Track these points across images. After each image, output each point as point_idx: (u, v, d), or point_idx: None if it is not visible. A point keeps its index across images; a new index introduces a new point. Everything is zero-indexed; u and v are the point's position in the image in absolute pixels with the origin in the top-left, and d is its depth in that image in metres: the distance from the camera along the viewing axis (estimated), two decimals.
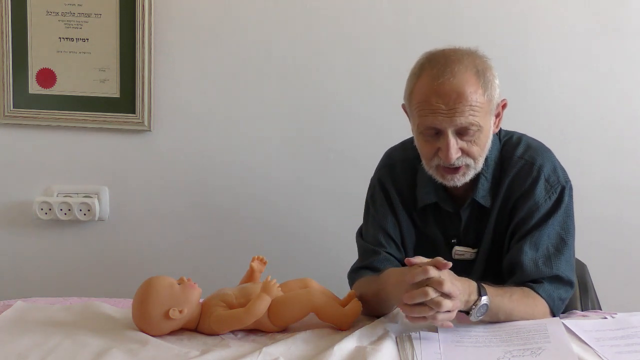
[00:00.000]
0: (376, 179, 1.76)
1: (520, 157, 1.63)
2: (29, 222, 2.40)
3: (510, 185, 1.62)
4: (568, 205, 1.61)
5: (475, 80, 1.49)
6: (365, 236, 1.74)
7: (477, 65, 1.52)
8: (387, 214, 1.70)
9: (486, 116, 1.53)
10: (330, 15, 2.31)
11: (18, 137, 2.37)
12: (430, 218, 1.69)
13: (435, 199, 1.65)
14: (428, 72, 1.52)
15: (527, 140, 1.68)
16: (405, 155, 1.72)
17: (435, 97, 1.49)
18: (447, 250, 1.67)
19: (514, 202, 1.61)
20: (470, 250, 1.66)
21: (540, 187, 1.59)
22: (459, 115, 1.48)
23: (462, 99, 1.47)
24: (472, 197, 1.62)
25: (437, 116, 1.49)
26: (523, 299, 1.50)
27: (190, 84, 2.35)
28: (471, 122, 1.49)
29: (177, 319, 1.43)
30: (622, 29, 2.30)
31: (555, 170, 1.62)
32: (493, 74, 1.55)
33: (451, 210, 1.65)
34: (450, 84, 1.48)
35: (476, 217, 1.65)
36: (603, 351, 1.33)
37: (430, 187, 1.65)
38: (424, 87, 1.51)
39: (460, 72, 1.49)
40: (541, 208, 1.58)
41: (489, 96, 1.52)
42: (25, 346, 1.35)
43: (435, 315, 1.35)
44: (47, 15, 2.31)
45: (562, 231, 1.59)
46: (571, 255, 1.60)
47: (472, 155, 1.54)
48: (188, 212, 2.41)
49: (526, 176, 1.61)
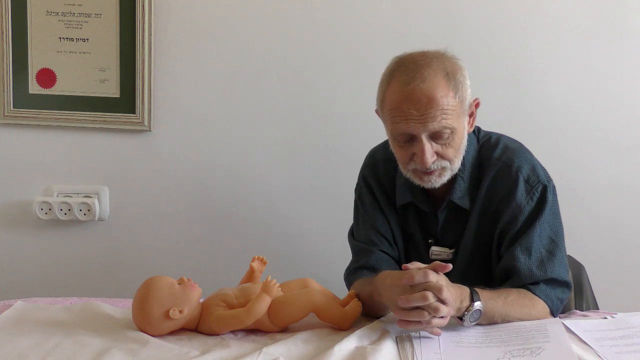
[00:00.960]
0: (361, 178, 1.78)
1: (497, 159, 1.63)
2: (29, 222, 2.40)
3: (489, 187, 1.62)
4: (553, 205, 1.61)
5: (445, 84, 1.49)
6: (357, 236, 1.74)
7: (447, 67, 1.52)
8: (375, 212, 1.71)
9: (459, 118, 1.53)
10: (330, 15, 2.31)
11: (18, 137, 2.37)
12: (411, 217, 1.70)
13: (412, 199, 1.66)
14: (398, 78, 1.52)
15: (505, 141, 1.67)
16: (387, 155, 1.72)
17: (407, 104, 1.49)
18: (425, 250, 1.68)
19: (497, 206, 1.61)
20: (447, 250, 1.66)
21: (521, 188, 1.59)
22: (431, 121, 1.48)
23: (433, 104, 1.47)
24: (449, 198, 1.62)
25: (409, 122, 1.49)
26: (519, 300, 1.50)
27: (190, 84, 2.35)
28: (444, 125, 1.49)
29: (177, 319, 1.43)
30: (622, 29, 2.30)
31: (534, 170, 1.62)
32: (463, 75, 1.54)
33: (428, 210, 1.66)
34: (421, 90, 1.48)
35: (454, 218, 1.65)
36: (603, 351, 1.33)
37: (406, 187, 1.66)
38: (395, 93, 1.51)
39: (430, 76, 1.49)
40: (524, 210, 1.58)
41: (461, 97, 1.52)
42: (25, 346, 1.35)
43: (431, 321, 1.35)
44: (47, 15, 2.31)
45: (552, 233, 1.59)
46: (563, 256, 1.60)
47: (448, 157, 1.54)
48: (188, 212, 2.41)
49: (505, 179, 1.60)
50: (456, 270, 1.63)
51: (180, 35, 2.32)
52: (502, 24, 2.30)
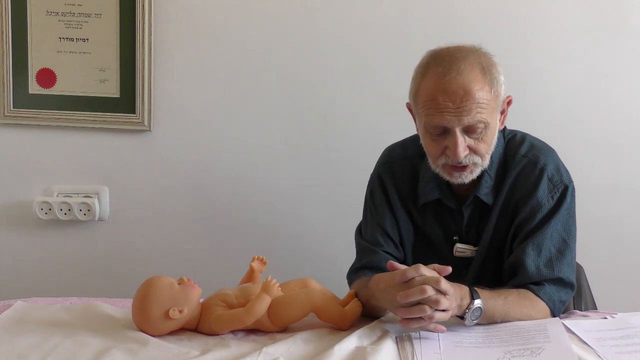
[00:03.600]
0: (376, 176, 1.76)
1: (523, 155, 1.63)
2: (29, 222, 2.40)
3: (513, 183, 1.61)
4: (570, 206, 1.61)
5: (481, 77, 1.49)
6: (364, 234, 1.73)
7: (482, 62, 1.52)
8: (385, 212, 1.70)
9: (493, 113, 1.52)
10: (330, 16, 2.31)
11: (18, 137, 2.37)
12: (431, 216, 1.68)
13: (439, 195, 1.65)
14: (434, 70, 1.51)
15: (531, 139, 1.68)
16: (404, 154, 1.72)
17: (442, 96, 1.48)
18: (448, 248, 1.66)
19: (517, 202, 1.60)
20: (472, 247, 1.65)
21: (543, 186, 1.59)
22: (467, 114, 1.47)
23: (469, 97, 1.47)
24: (475, 194, 1.61)
25: (444, 115, 1.48)
26: (519, 300, 1.50)
27: (190, 84, 2.35)
28: (479, 119, 1.49)
29: (177, 319, 1.43)
30: (622, 29, 2.30)
31: (558, 170, 1.62)
32: (498, 71, 1.54)
33: (454, 207, 1.65)
34: (457, 82, 1.47)
35: (478, 214, 1.65)
36: (603, 351, 1.33)
37: (433, 183, 1.64)
38: (430, 85, 1.50)
39: (467, 69, 1.48)
40: (543, 207, 1.58)
41: (496, 93, 1.51)
42: (25, 346, 1.35)
43: (433, 315, 1.34)
44: (47, 15, 2.31)
45: (565, 233, 1.58)
46: (573, 257, 1.60)
47: (480, 152, 1.53)
48: (188, 211, 2.41)
49: (529, 175, 1.60)
50: (473, 267, 1.64)
51: (180, 35, 2.32)
52: (502, 24, 2.30)
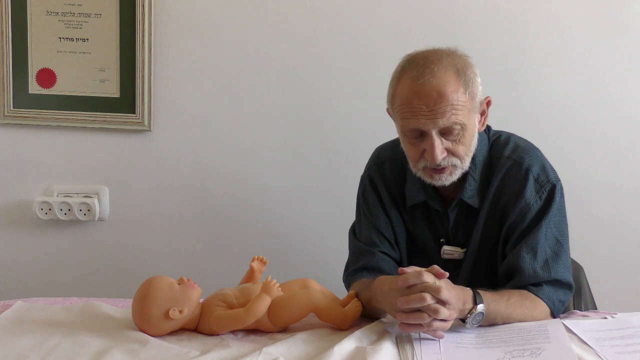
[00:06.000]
0: (367, 177, 1.76)
1: (508, 157, 1.62)
2: (29, 222, 2.40)
3: (499, 186, 1.61)
4: (560, 205, 1.60)
5: (455, 79, 1.49)
6: (359, 235, 1.73)
7: (457, 64, 1.52)
8: (378, 212, 1.70)
9: (469, 114, 1.52)
10: (330, 16, 2.31)
11: (18, 137, 2.37)
12: (419, 217, 1.69)
13: (424, 197, 1.65)
14: (408, 74, 1.52)
15: (515, 139, 1.67)
16: (394, 154, 1.72)
17: (417, 99, 1.49)
18: (436, 250, 1.67)
19: (505, 205, 1.60)
20: (459, 250, 1.65)
21: (530, 187, 1.58)
22: (441, 116, 1.48)
23: (443, 99, 1.47)
24: (460, 197, 1.62)
25: (419, 118, 1.49)
26: (521, 301, 1.50)
27: (190, 84, 2.35)
28: (454, 121, 1.49)
29: (177, 319, 1.43)
30: (622, 29, 2.30)
31: (544, 169, 1.62)
32: (474, 72, 1.54)
33: (439, 209, 1.65)
34: (430, 85, 1.48)
35: (465, 216, 1.65)
36: (603, 351, 1.33)
37: (419, 185, 1.65)
38: (405, 89, 1.52)
39: (440, 72, 1.49)
40: (532, 208, 1.58)
41: (471, 94, 1.51)
42: (25, 346, 1.35)
43: (431, 323, 1.34)
44: (47, 15, 2.31)
45: (558, 233, 1.58)
46: (567, 257, 1.60)
47: (458, 154, 1.54)
48: (188, 212, 2.41)
49: (515, 176, 1.60)
50: (464, 269, 1.64)
51: (180, 35, 2.32)
52: (502, 24, 2.30)
